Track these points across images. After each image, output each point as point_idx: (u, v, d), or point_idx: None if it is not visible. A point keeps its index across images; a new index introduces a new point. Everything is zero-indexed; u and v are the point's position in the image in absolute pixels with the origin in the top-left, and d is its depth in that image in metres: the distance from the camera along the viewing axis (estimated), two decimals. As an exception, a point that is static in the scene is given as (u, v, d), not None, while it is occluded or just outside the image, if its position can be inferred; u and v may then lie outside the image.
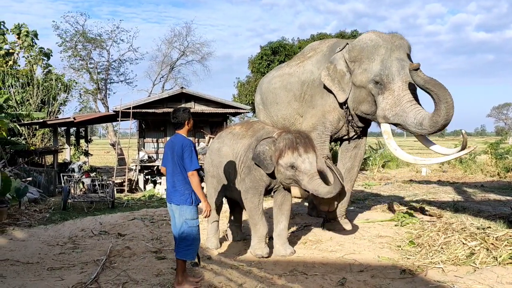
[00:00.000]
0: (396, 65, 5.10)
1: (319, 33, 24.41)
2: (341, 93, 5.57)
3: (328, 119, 5.87)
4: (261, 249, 4.93)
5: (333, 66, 5.62)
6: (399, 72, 5.07)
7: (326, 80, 5.62)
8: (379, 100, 5.19)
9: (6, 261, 4.95)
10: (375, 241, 5.57)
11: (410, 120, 4.97)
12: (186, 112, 4.17)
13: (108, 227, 6.65)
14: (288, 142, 4.56)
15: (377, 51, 5.24)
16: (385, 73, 5.11)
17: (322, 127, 5.91)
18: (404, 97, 5.02)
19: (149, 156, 16.12)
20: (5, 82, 18.34)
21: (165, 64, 29.72)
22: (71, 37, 26.58)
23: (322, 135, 5.92)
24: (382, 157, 18.06)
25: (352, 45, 5.55)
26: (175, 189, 4.08)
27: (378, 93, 5.18)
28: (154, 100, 16.01)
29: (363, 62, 5.34)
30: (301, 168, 4.52)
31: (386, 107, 5.13)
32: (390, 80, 5.08)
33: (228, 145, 5.26)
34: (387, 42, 5.27)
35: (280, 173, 4.68)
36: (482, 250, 4.52)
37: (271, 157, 4.65)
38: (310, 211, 7.24)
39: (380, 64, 5.17)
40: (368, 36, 5.42)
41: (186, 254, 4.06)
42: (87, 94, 27.52)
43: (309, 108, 6.06)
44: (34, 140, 18.46)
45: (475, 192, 10.45)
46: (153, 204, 10.61)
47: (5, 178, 7.33)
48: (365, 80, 5.30)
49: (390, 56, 5.17)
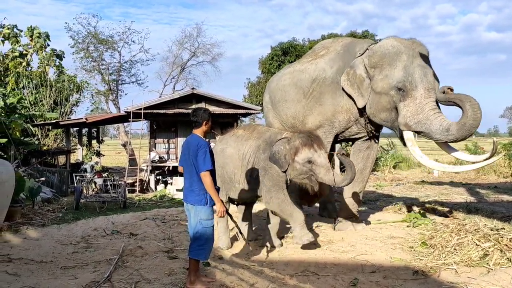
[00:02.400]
0: (418, 72, 5.05)
1: (329, 34, 24.37)
2: (360, 98, 5.53)
3: (338, 119, 5.85)
4: (306, 235, 4.98)
5: (352, 71, 5.58)
6: (422, 79, 5.03)
7: (346, 85, 5.58)
8: (400, 107, 5.14)
9: (20, 260, 5.02)
10: (387, 242, 5.54)
11: (435, 127, 4.90)
12: (206, 112, 4.22)
13: (120, 226, 6.70)
14: (304, 140, 4.81)
15: (399, 57, 5.19)
16: (408, 80, 5.05)
17: (329, 126, 5.89)
18: (427, 105, 4.97)
19: (160, 156, 16.20)
20: (19, 83, 18.55)
21: (176, 65, 29.85)
22: (83, 39, 26.82)
23: (328, 134, 5.91)
24: (394, 158, 17.97)
25: (372, 50, 5.48)
26: (191, 189, 4.10)
27: (399, 100, 5.12)
28: (165, 101, 16.08)
29: (384, 69, 5.29)
30: (317, 162, 4.73)
31: (407, 114, 5.08)
32: (413, 87, 5.03)
33: (233, 146, 5.40)
34: (408, 48, 5.22)
35: (295, 170, 4.81)
36: (495, 251, 4.47)
37: (285, 156, 4.82)
38: (321, 212, 7.23)
39: (403, 70, 5.11)
40: (389, 42, 5.36)
41: (198, 253, 4.07)
42: (99, 95, 27.74)
43: (316, 105, 6.01)
44: (47, 141, 18.64)
45: (488, 193, 10.34)
46: (165, 204, 10.66)
47: (19, 178, 7.40)
48: (386, 86, 5.24)
49: (412, 63, 5.13)
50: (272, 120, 6.95)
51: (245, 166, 5.25)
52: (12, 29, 20.46)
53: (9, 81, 18.20)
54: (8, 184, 6.38)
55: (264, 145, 5.16)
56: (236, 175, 5.32)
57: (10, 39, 20.34)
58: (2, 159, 7.71)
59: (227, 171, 5.36)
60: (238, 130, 5.73)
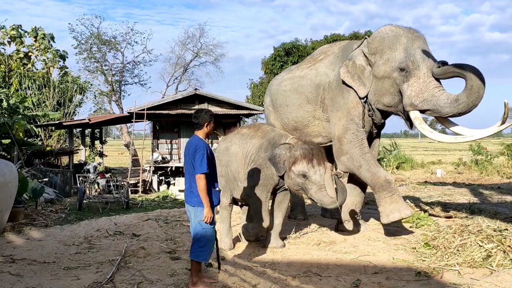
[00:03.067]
0: (419, 53, 5.10)
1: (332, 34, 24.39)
2: (361, 88, 5.52)
3: (355, 115, 5.73)
4: (252, 237, 5.34)
5: (351, 62, 5.57)
6: (424, 58, 5.06)
7: (346, 77, 5.57)
8: (404, 88, 5.14)
9: (23, 260, 5.03)
10: (389, 242, 5.52)
11: (442, 102, 4.89)
12: (207, 114, 4.21)
13: (123, 227, 6.71)
14: (305, 152, 4.72)
15: (399, 40, 5.22)
16: (410, 60, 5.08)
17: (354, 125, 5.75)
18: (430, 83, 4.99)
19: (163, 157, 16.23)
20: (22, 84, 18.62)
21: (178, 65, 29.96)
22: (86, 40, 26.97)
23: (357, 134, 5.73)
24: (397, 158, 17.91)
25: (371, 37, 5.53)
26: (191, 191, 4.09)
27: (403, 81, 5.13)
28: (168, 102, 16.13)
29: (384, 53, 5.31)
30: (311, 178, 4.66)
31: (412, 94, 5.08)
32: (416, 67, 5.05)
33: (237, 144, 5.40)
34: (406, 32, 5.28)
35: (290, 179, 4.80)
36: (498, 252, 4.45)
37: (284, 161, 4.80)
38: (324, 213, 7.22)
39: (404, 51, 5.15)
40: (387, 27, 5.43)
41: (199, 255, 4.06)
42: (102, 95, 27.86)
43: (333, 112, 5.93)
44: (50, 141, 18.71)
45: (492, 194, 10.30)
46: (167, 205, 10.67)
47: (22, 178, 7.43)
48: (389, 69, 5.25)
49: (413, 45, 5.17)
50: (274, 122, 6.94)
51: (248, 164, 5.26)
52: (17, 29, 20.54)
53: (12, 82, 18.26)
54: (11, 184, 6.40)
55: (266, 145, 5.16)
56: (240, 174, 5.31)
57: (14, 40, 20.43)
58: (5, 160, 7.73)
59: (231, 170, 5.35)
60: (242, 129, 5.72)
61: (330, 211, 7.03)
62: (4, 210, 6.28)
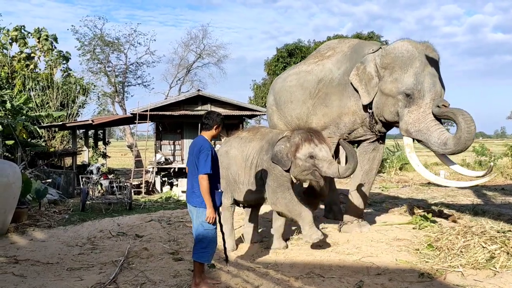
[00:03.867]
0: (428, 81, 5.09)
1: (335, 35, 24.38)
2: (365, 95, 5.52)
3: (344, 121, 5.84)
4: (316, 233, 4.95)
5: (363, 67, 5.56)
6: (430, 89, 5.08)
7: (354, 79, 5.57)
8: (403, 112, 5.19)
9: (26, 261, 5.04)
10: (392, 244, 5.51)
11: (433, 139, 5.01)
12: (219, 117, 4.19)
13: (126, 228, 6.72)
14: (303, 136, 4.85)
15: (412, 63, 5.18)
16: (417, 88, 5.09)
17: (335, 127, 5.89)
18: (429, 115, 5.04)
19: (166, 158, 16.25)
20: (26, 85, 18.69)
21: (181, 66, 29.98)
22: (90, 41, 27.02)
23: (332, 136, 5.90)
24: (400, 159, 17.86)
25: (386, 51, 5.45)
26: (193, 191, 4.09)
27: (405, 105, 5.18)
28: (171, 103, 16.15)
29: (395, 71, 5.28)
30: (319, 156, 4.75)
31: (409, 121, 5.15)
32: (421, 96, 5.09)
33: (236, 147, 5.43)
34: (421, 54, 5.21)
35: (297, 167, 4.82)
36: (502, 253, 4.44)
37: (287, 154, 4.84)
38: (327, 214, 7.21)
39: (414, 77, 5.12)
40: (404, 45, 5.32)
41: (201, 256, 4.05)
42: (105, 96, 27.93)
43: (321, 106, 6.00)
44: (53, 142, 18.77)
45: (495, 195, 10.28)
46: (170, 206, 10.68)
47: (25, 179, 7.45)
48: (395, 90, 5.25)
49: (424, 71, 5.13)
50: (277, 121, 6.93)
51: (249, 167, 5.27)
52: (20, 30, 20.61)
53: (16, 83, 18.33)
54: (15, 185, 6.42)
55: (267, 146, 5.18)
56: (240, 176, 5.33)
57: (18, 41, 20.50)
58: (9, 161, 7.77)
59: (231, 172, 5.37)
60: (242, 132, 5.77)
61: (333, 212, 7.03)
62: (7, 211, 6.30)
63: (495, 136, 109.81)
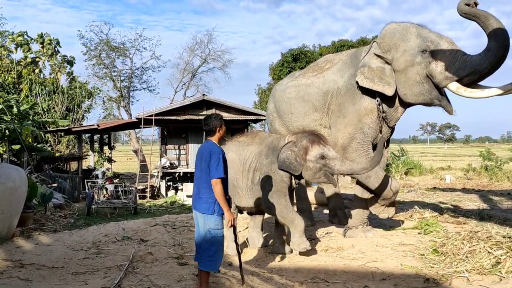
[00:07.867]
0: (433, 34, 5.24)
1: (340, 40, 24.42)
2: (387, 87, 5.47)
3: (366, 123, 5.71)
4: (304, 243, 5.00)
5: (367, 68, 5.55)
6: (440, 37, 5.19)
7: (366, 83, 5.50)
8: (432, 67, 5.13)
9: (32, 265, 5.06)
10: (397, 249, 5.49)
11: (476, 61, 4.80)
12: (217, 119, 4.13)
13: (131, 232, 6.73)
14: (310, 138, 4.92)
15: (408, 31, 5.38)
16: (427, 40, 5.19)
17: (361, 134, 5.72)
18: (458, 52, 5.01)
19: (171, 162, 16.28)
20: (32, 90, 18.82)
21: (186, 71, 30.09)
22: (96, 46, 27.17)
23: (363, 143, 5.74)
24: (405, 164, 17.81)
25: (380, 37, 5.62)
26: (199, 196, 4.03)
27: (429, 62, 5.14)
28: (176, 107, 16.19)
29: (399, 46, 5.40)
30: (330, 155, 4.84)
31: (443, 68, 5.06)
32: (436, 45, 5.13)
33: (234, 151, 5.41)
34: (412, 24, 5.43)
35: (309, 170, 4.85)
36: (508, 259, 4.41)
37: (296, 158, 4.83)
38: (332, 218, 7.19)
39: (418, 37, 5.27)
40: (392, 24, 5.59)
41: (208, 265, 3.97)
42: (110, 101, 28.07)
43: (340, 118, 5.90)
44: (59, 147, 18.87)
45: (501, 200, 10.21)
46: (175, 210, 10.71)
47: (31, 184, 7.49)
48: (410, 57, 5.29)
49: (423, 31, 5.31)
50: (279, 128, 6.94)
51: (247, 171, 5.25)
52: (23, 35, 20.77)
53: (23, 88, 18.46)
54: (20, 190, 6.45)
55: (266, 150, 5.16)
56: (238, 181, 5.31)
57: (22, 46, 20.66)
58: (15, 165, 7.81)
59: (229, 177, 5.31)
60: (240, 137, 5.70)
61: (338, 216, 7.02)
62: (13, 215, 6.33)
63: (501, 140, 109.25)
